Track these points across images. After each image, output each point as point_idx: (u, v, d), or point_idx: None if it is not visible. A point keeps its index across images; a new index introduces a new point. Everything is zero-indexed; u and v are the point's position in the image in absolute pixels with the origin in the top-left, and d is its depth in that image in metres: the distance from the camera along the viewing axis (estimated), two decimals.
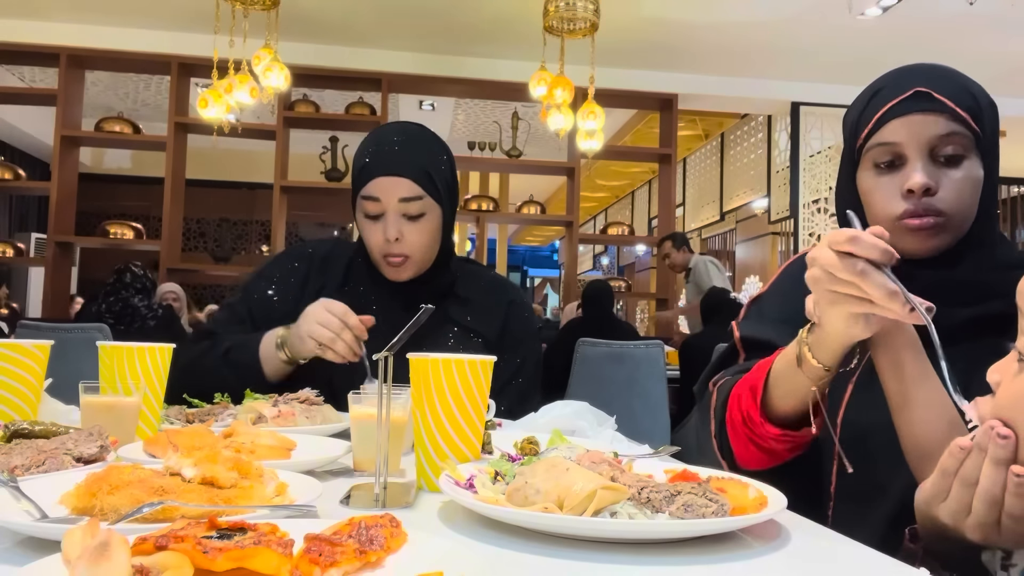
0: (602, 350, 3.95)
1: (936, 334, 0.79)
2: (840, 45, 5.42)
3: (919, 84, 0.97)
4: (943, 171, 0.97)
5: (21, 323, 3.53)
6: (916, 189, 0.96)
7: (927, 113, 0.96)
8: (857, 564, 0.72)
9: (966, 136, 0.96)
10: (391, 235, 1.47)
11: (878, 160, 1.00)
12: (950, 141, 0.96)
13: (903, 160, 0.98)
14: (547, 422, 1.33)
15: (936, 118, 0.96)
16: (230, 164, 8.50)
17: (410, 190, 1.47)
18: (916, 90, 0.97)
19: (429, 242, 1.52)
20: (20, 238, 7.09)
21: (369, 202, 1.49)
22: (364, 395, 1.02)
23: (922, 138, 0.97)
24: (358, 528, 0.61)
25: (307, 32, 5.44)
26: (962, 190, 0.96)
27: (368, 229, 1.52)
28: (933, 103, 0.96)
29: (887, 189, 0.99)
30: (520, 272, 17.56)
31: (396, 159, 1.49)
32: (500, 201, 7.69)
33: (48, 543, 0.64)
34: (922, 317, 0.80)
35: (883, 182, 0.99)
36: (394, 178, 1.47)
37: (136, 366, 1.12)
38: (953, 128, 0.96)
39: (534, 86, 4.62)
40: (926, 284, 0.96)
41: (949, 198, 0.96)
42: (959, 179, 0.97)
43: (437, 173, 1.52)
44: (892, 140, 0.98)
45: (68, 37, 5.46)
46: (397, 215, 1.48)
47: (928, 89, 0.97)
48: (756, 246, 9.39)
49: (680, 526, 0.71)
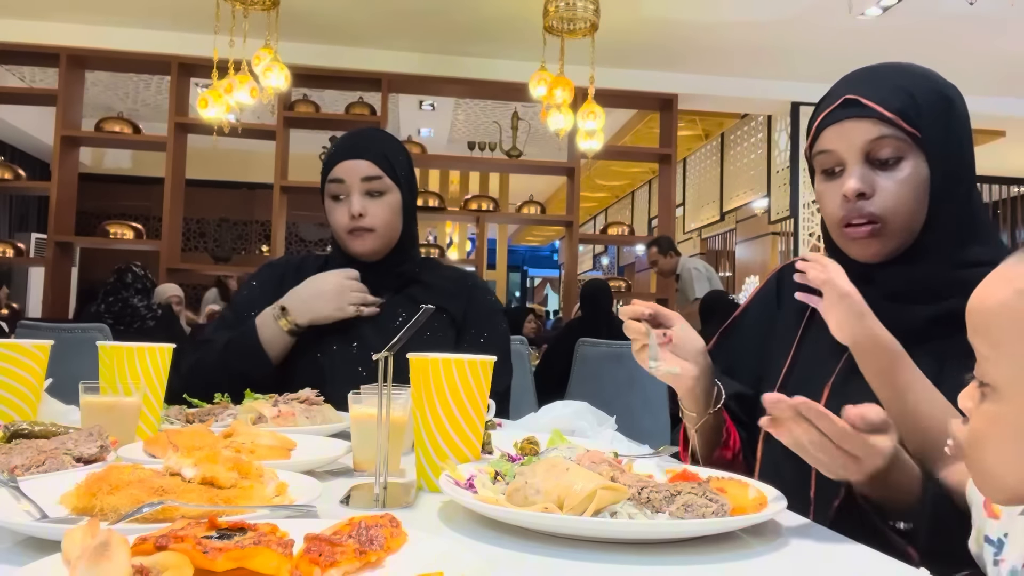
0: (602, 350, 3.95)
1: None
2: (840, 45, 5.41)
3: (850, 91, 1.00)
4: (880, 174, 0.99)
5: (21, 323, 3.53)
6: (849, 194, 0.99)
7: (856, 119, 0.99)
8: (857, 564, 0.72)
9: (900, 138, 0.97)
10: (355, 210, 1.61)
11: (822, 167, 1.04)
12: (883, 144, 0.97)
13: (843, 166, 1.01)
14: (547, 422, 1.33)
15: (865, 123, 0.98)
16: (230, 164, 8.50)
17: (370, 169, 1.63)
18: (846, 98, 1.00)
19: (391, 217, 1.65)
20: (20, 238, 7.09)
21: (334, 184, 1.65)
22: (364, 395, 1.03)
23: (854, 144, 0.99)
24: (358, 528, 0.61)
25: (307, 32, 5.44)
26: (900, 192, 0.97)
27: (334, 210, 1.66)
28: (861, 109, 0.98)
29: (831, 195, 1.02)
30: (520, 272, 17.55)
31: (356, 145, 1.68)
32: (500, 201, 7.69)
33: (48, 543, 0.64)
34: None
35: (828, 188, 1.03)
36: (355, 160, 1.64)
37: (136, 366, 1.12)
38: (883, 131, 0.97)
39: (534, 86, 4.62)
40: (885, 285, 1.00)
41: (885, 202, 0.98)
42: (897, 181, 0.98)
43: (395, 160, 1.68)
44: (829, 148, 1.02)
45: (68, 37, 5.46)
46: (360, 193, 1.63)
47: (856, 96, 0.99)
48: (756, 246, 9.39)
49: (680, 526, 0.71)
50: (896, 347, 0.91)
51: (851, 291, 0.91)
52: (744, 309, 1.26)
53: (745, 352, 1.20)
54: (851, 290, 0.91)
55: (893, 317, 0.97)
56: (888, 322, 0.98)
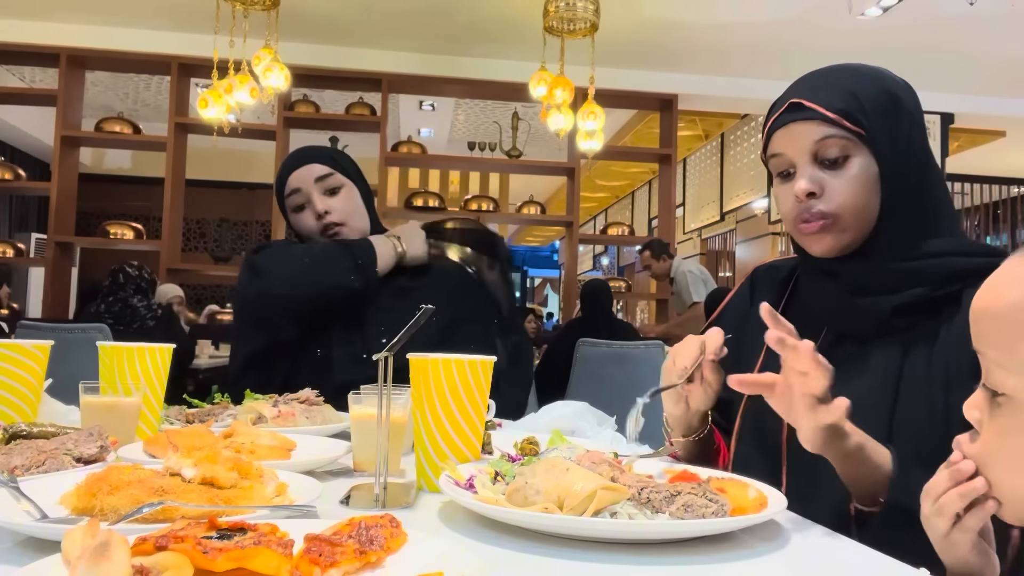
0: (602, 350, 3.95)
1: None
2: (840, 45, 5.41)
3: (795, 95, 1.03)
4: (828, 173, 1.01)
5: (21, 323, 3.53)
6: (799, 195, 1.01)
7: (801, 122, 1.01)
8: (857, 564, 0.72)
9: (845, 137, 0.99)
10: (320, 209, 1.65)
11: (777, 170, 1.06)
12: (828, 144, 1.00)
13: (793, 168, 1.04)
14: (547, 422, 1.33)
15: (809, 125, 1.01)
16: (230, 164, 8.50)
17: (321, 170, 1.68)
18: (791, 101, 1.03)
19: (354, 208, 1.70)
20: (20, 238, 7.09)
21: (293, 196, 1.69)
22: (364, 395, 1.03)
23: (801, 146, 1.02)
24: (358, 528, 0.61)
25: (307, 32, 5.44)
26: (848, 190, 1.00)
27: (301, 221, 1.70)
28: (804, 111, 1.01)
29: (785, 196, 1.05)
30: (520, 272, 17.55)
31: (300, 154, 1.73)
32: (500, 201, 7.68)
33: (48, 543, 0.64)
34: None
35: (782, 190, 1.06)
36: (304, 166, 1.69)
37: (136, 366, 1.12)
38: (827, 132, 1.00)
39: (534, 86, 4.62)
40: (848, 279, 1.03)
41: (834, 199, 1.00)
42: (846, 179, 1.00)
43: (340, 158, 1.74)
44: (779, 151, 1.04)
45: (68, 37, 5.46)
46: (319, 194, 1.67)
47: (800, 99, 1.02)
48: (756, 246, 9.38)
49: (680, 526, 0.71)
50: (861, 454, 0.87)
51: (822, 402, 0.86)
52: (719, 313, 1.28)
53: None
54: (823, 398, 0.86)
55: (857, 310, 1.01)
56: (852, 315, 1.03)
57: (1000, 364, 0.61)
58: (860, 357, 1.02)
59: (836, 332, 1.05)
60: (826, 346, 1.03)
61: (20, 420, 1.07)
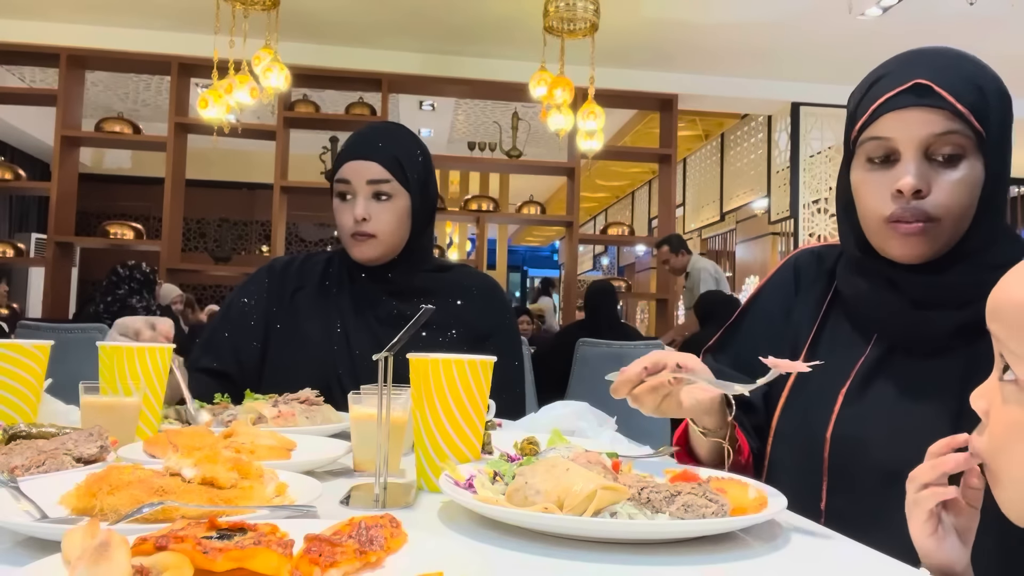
0: (602, 350, 3.95)
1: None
2: (840, 45, 5.41)
3: (920, 75, 0.90)
4: (938, 171, 0.90)
5: (21, 323, 3.53)
6: (906, 191, 0.90)
7: (925, 109, 0.89)
8: (857, 564, 0.72)
9: (966, 135, 0.89)
10: (359, 214, 1.55)
11: (871, 155, 0.94)
12: (948, 140, 0.89)
13: (896, 157, 0.92)
14: (547, 422, 1.33)
15: (934, 115, 0.89)
16: (230, 164, 8.50)
17: (378, 173, 1.56)
18: (916, 82, 0.90)
19: (395, 224, 1.58)
20: (20, 238, 7.09)
21: (341, 184, 1.59)
22: (364, 395, 1.03)
23: (918, 135, 0.90)
24: (358, 528, 0.61)
25: (307, 32, 5.44)
26: (957, 193, 0.90)
27: (340, 211, 1.60)
28: (933, 98, 0.89)
29: (877, 187, 0.93)
30: (520, 272, 17.55)
31: (366, 145, 1.59)
32: (500, 201, 7.69)
33: (48, 543, 0.64)
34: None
35: (874, 178, 0.94)
36: (363, 161, 1.57)
37: (136, 366, 1.12)
38: (952, 127, 0.89)
39: (534, 86, 4.62)
40: (912, 292, 0.94)
41: (941, 201, 0.90)
42: (954, 181, 0.90)
43: (407, 163, 1.59)
44: (886, 135, 0.92)
45: (68, 37, 5.46)
46: (365, 196, 1.57)
47: (929, 82, 0.89)
48: (756, 246, 9.38)
49: (680, 526, 0.71)
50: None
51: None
52: (755, 297, 1.19)
53: (756, 341, 1.13)
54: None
55: (917, 323, 0.94)
56: (912, 328, 0.94)
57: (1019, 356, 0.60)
58: (914, 372, 0.94)
59: (887, 342, 0.98)
60: (874, 357, 0.98)
61: (20, 420, 1.07)
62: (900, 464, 0.83)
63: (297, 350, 1.59)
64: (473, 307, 1.66)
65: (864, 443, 0.94)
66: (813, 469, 0.98)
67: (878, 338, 0.99)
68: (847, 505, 0.94)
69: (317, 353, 1.58)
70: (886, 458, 0.88)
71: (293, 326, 1.62)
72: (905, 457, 0.88)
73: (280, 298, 1.65)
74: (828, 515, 0.95)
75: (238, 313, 1.64)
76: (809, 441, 0.98)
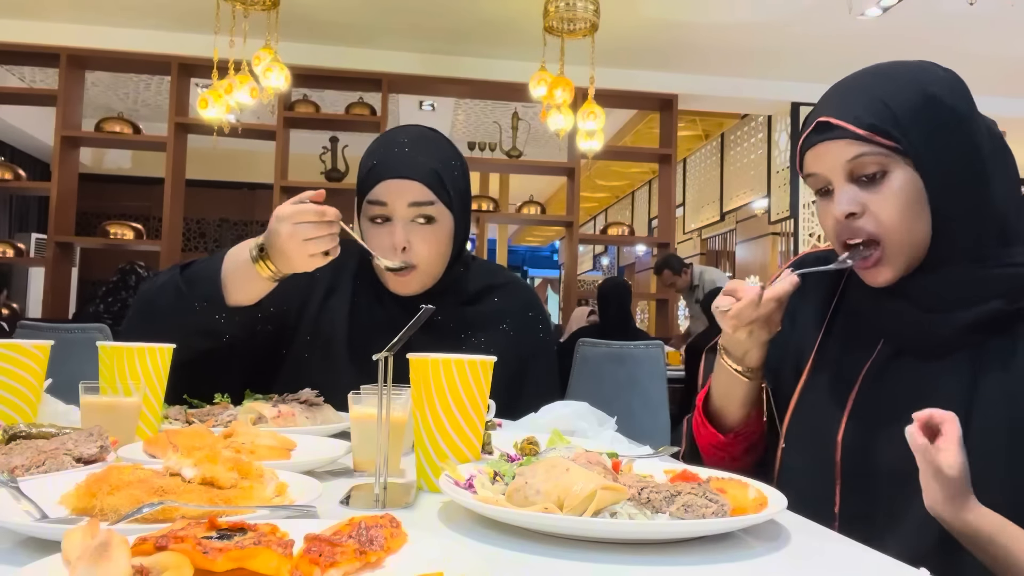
0: (602, 350, 3.95)
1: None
2: (840, 45, 5.41)
3: (822, 113, 0.96)
4: (868, 191, 0.94)
5: (21, 323, 3.53)
6: (839, 217, 0.96)
7: (831, 141, 0.95)
8: (857, 564, 0.72)
9: (879, 153, 0.92)
10: (399, 242, 1.37)
11: (814, 188, 1.01)
12: (863, 162, 0.93)
13: (831, 186, 0.98)
14: (547, 422, 1.33)
15: (839, 145, 0.94)
16: (230, 164, 8.50)
17: (420, 194, 1.37)
18: (817, 121, 0.96)
19: (439, 251, 1.41)
20: (20, 238, 7.09)
21: (375, 207, 1.39)
22: (364, 395, 1.03)
23: (834, 166, 0.95)
24: (358, 528, 0.61)
25: (307, 32, 5.44)
26: (891, 206, 0.93)
27: (372, 236, 1.40)
28: (833, 130, 0.95)
29: (826, 215, 0.99)
30: (520, 272, 17.57)
31: (405, 161, 1.38)
32: (500, 201, 7.69)
33: (48, 543, 0.64)
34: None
35: (823, 208, 1.00)
36: (403, 181, 1.37)
37: (136, 366, 1.12)
38: (859, 150, 0.93)
39: (534, 86, 4.62)
40: (918, 297, 0.95)
41: (879, 218, 0.94)
42: (884, 197, 0.93)
43: (449, 177, 1.41)
44: (813, 171, 0.99)
45: (68, 37, 5.46)
46: (405, 221, 1.38)
47: (827, 117, 0.95)
48: (756, 246, 9.38)
49: (680, 526, 0.71)
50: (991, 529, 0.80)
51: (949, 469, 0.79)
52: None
53: None
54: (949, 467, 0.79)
55: (925, 327, 0.94)
56: (919, 332, 0.95)
57: None
58: (922, 373, 0.95)
59: (894, 346, 0.98)
60: (882, 360, 0.98)
61: (20, 420, 1.07)
62: (912, 465, 0.84)
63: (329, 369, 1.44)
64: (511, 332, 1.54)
65: (875, 445, 0.94)
66: (825, 473, 0.98)
67: (885, 342, 0.99)
68: (861, 508, 0.94)
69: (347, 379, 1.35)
70: (897, 460, 0.88)
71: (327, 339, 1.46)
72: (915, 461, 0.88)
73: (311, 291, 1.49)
74: (842, 518, 0.95)
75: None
76: (820, 445, 0.99)
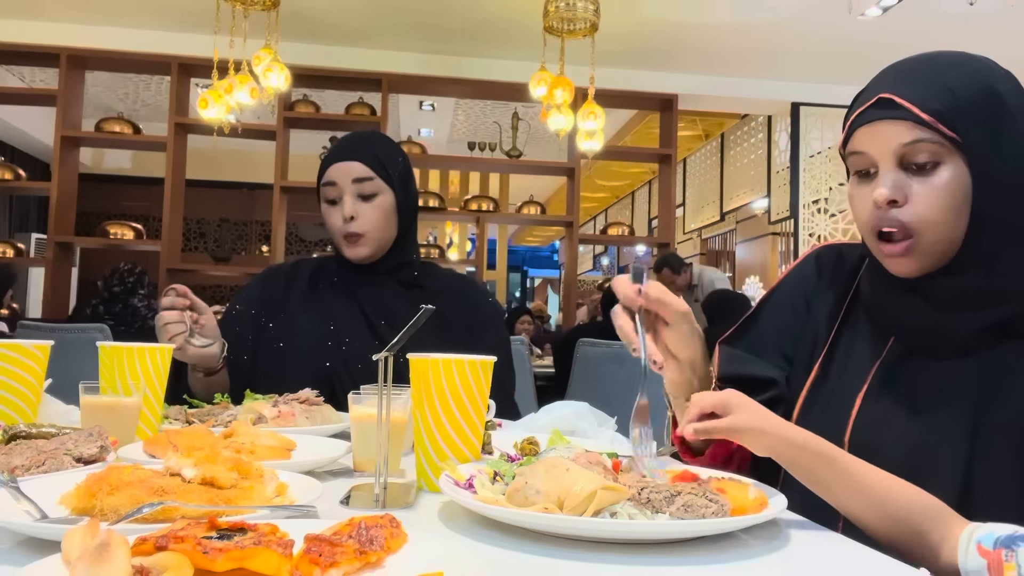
0: (602, 350, 3.95)
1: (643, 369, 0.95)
2: (840, 45, 5.41)
3: (885, 89, 0.92)
4: (914, 180, 0.91)
5: (21, 323, 3.53)
6: (880, 201, 0.92)
7: (890, 121, 0.91)
8: (857, 564, 0.72)
9: (937, 142, 0.89)
10: (347, 213, 1.62)
11: (856, 168, 0.97)
12: (918, 149, 0.90)
13: (875, 169, 0.94)
14: (547, 422, 1.33)
15: (899, 126, 0.90)
16: (230, 164, 8.50)
17: (361, 171, 1.63)
18: (879, 97, 0.92)
19: (383, 221, 1.65)
20: (20, 238, 7.08)
21: (327, 187, 1.67)
22: (364, 395, 1.03)
23: (887, 147, 0.91)
24: (358, 528, 0.61)
25: (307, 32, 5.44)
26: (935, 200, 0.90)
27: (329, 213, 1.68)
28: (896, 110, 0.90)
29: (862, 199, 0.95)
30: (520, 272, 17.55)
31: (348, 147, 1.68)
32: (500, 201, 7.68)
33: (48, 543, 0.64)
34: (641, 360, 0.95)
35: (860, 191, 0.96)
36: (347, 162, 1.64)
37: (136, 366, 1.12)
38: (918, 135, 0.89)
39: (534, 86, 4.62)
40: (932, 295, 0.93)
41: (917, 211, 0.91)
42: (931, 189, 0.90)
43: (389, 162, 1.67)
44: (861, 150, 0.94)
45: (68, 37, 5.46)
46: (352, 196, 1.64)
47: (891, 95, 0.91)
48: (756, 246, 9.39)
49: (680, 526, 0.71)
50: (813, 447, 0.86)
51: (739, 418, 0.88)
52: (774, 290, 1.18)
53: (774, 332, 1.12)
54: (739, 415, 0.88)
55: (939, 327, 0.93)
56: (932, 332, 0.94)
57: None
58: (932, 374, 0.94)
59: (906, 345, 0.97)
60: (892, 359, 0.97)
61: (20, 420, 1.07)
62: (918, 467, 0.84)
63: (289, 344, 1.64)
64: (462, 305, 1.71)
65: (882, 446, 0.93)
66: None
67: (896, 340, 0.98)
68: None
69: (309, 347, 1.62)
70: (904, 461, 0.88)
71: (284, 322, 1.67)
72: (923, 460, 0.87)
73: (269, 303, 1.71)
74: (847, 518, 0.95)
75: (228, 319, 1.71)
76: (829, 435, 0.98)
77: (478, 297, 1.78)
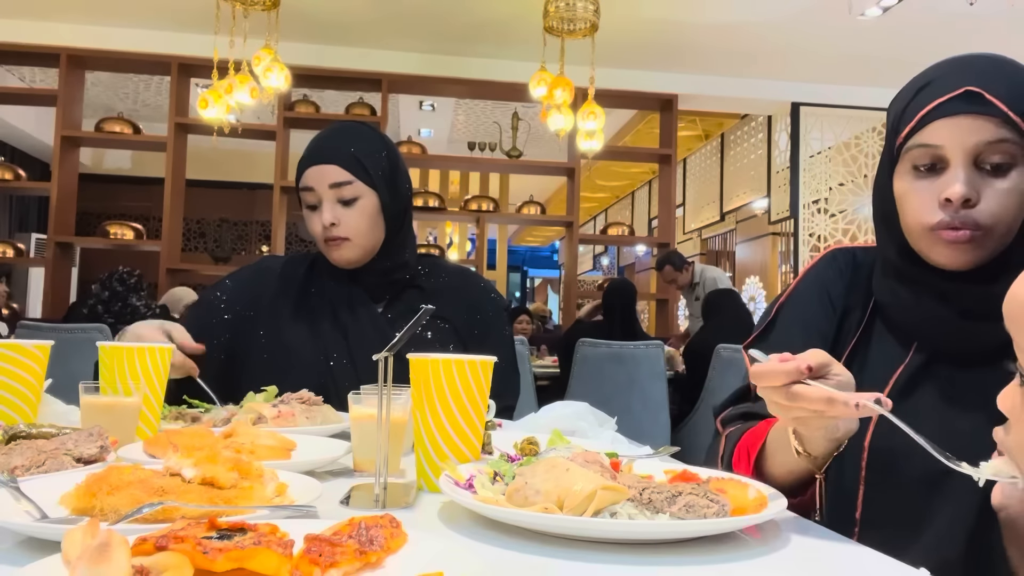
0: (602, 350, 3.95)
1: (898, 420, 0.75)
2: (840, 45, 5.42)
3: (970, 82, 0.88)
4: (987, 180, 0.88)
5: (21, 323, 3.53)
6: (955, 199, 0.87)
7: (976, 116, 0.87)
8: (857, 564, 0.72)
9: (1017, 144, 0.87)
10: (326, 220, 1.52)
11: (917, 162, 0.92)
12: (998, 149, 0.87)
13: (944, 165, 0.90)
14: (547, 422, 1.33)
15: (985, 122, 0.87)
16: (230, 164, 8.50)
17: (338, 175, 1.52)
18: (966, 89, 0.88)
19: (367, 225, 1.55)
20: (20, 238, 7.09)
21: (306, 193, 1.56)
22: (364, 395, 1.02)
23: (967, 143, 0.88)
24: (358, 528, 0.61)
25: (307, 32, 5.44)
26: (1006, 202, 0.88)
27: (309, 218, 1.57)
28: (984, 105, 0.87)
29: (924, 195, 0.91)
30: (520, 272, 17.55)
31: (324, 148, 1.55)
32: (500, 201, 7.69)
33: (48, 543, 0.64)
34: (872, 408, 0.76)
35: (920, 187, 0.91)
36: (323, 166, 1.53)
37: (136, 366, 1.12)
38: (1004, 135, 0.86)
39: (534, 86, 4.62)
40: (961, 302, 0.92)
41: (990, 211, 0.88)
42: (1004, 190, 0.88)
43: (369, 161, 1.55)
44: (934, 143, 0.89)
45: (68, 37, 5.46)
46: (331, 201, 1.53)
47: (980, 89, 0.87)
48: (756, 246, 9.38)
49: (680, 526, 0.71)
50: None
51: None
52: (794, 289, 1.15)
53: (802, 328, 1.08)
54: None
55: (965, 334, 0.92)
56: (958, 339, 0.93)
57: None
58: (954, 381, 0.93)
59: (930, 352, 0.95)
60: (916, 364, 0.96)
61: (20, 420, 1.07)
62: (938, 474, 0.82)
63: (282, 355, 1.54)
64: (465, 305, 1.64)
65: (902, 453, 0.91)
66: (850, 478, 0.96)
67: (918, 346, 0.97)
68: (883, 514, 0.92)
69: (303, 358, 1.53)
70: (924, 468, 0.86)
71: (276, 330, 1.57)
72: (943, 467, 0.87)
73: (258, 302, 1.61)
74: (863, 524, 0.93)
75: (207, 306, 1.61)
76: (846, 450, 0.95)
77: (480, 296, 1.69)
